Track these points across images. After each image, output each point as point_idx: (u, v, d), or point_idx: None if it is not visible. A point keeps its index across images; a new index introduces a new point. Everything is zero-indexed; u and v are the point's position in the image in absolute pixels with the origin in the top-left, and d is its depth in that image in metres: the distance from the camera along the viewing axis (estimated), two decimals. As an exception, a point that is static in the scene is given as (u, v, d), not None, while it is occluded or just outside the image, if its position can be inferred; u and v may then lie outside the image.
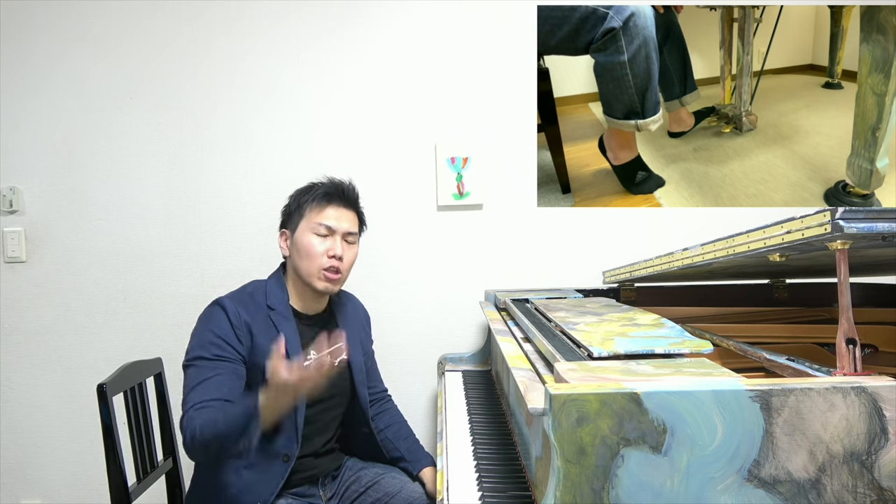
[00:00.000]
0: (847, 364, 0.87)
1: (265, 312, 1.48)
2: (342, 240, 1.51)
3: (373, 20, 2.23)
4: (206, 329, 1.44)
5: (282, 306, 1.51)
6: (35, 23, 2.25)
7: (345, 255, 1.51)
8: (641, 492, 0.76)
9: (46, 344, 2.27)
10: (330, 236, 1.50)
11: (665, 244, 1.69)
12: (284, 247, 1.56)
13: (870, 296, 1.77)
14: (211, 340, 1.42)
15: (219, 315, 1.45)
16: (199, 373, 1.39)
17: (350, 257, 1.53)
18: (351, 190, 1.56)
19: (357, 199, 1.58)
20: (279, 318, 1.49)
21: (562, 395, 0.77)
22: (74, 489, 2.28)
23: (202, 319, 1.47)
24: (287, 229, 1.55)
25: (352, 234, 1.54)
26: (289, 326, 1.49)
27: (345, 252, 1.51)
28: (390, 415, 1.73)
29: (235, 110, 2.25)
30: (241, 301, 1.48)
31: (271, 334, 1.46)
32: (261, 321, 1.47)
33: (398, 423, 1.71)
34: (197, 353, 1.42)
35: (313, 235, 1.49)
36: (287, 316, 1.50)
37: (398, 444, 1.65)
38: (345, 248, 1.51)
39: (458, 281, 2.24)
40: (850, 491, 0.77)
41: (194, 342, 1.44)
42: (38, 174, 2.26)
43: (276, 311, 1.49)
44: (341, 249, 1.50)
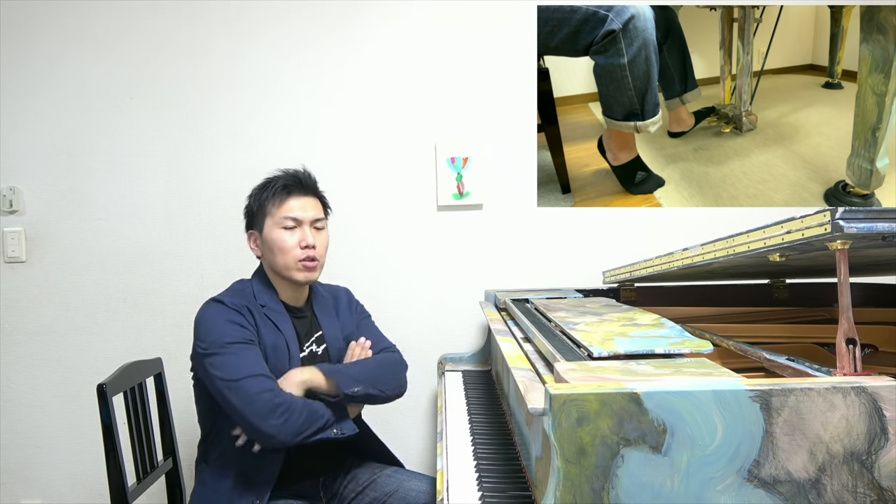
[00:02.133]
0: (847, 364, 0.87)
1: (259, 309, 1.50)
2: (311, 227, 1.52)
3: (372, 20, 2.23)
4: (219, 320, 1.42)
5: (272, 302, 1.52)
6: (35, 23, 2.25)
7: (316, 241, 1.52)
8: (641, 492, 0.76)
9: (46, 344, 2.27)
10: (298, 227, 1.51)
11: (665, 244, 1.69)
12: (255, 248, 1.57)
13: (870, 296, 1.77)
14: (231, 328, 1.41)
15: (221, 308, 1.45)
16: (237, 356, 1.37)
17: (322, 242, 1.54)
18: (307, 177, 1.57)
19: (315, 184, 1.58)
20: (273, 313, 1.51)
21: (562, 395, 0.77)
22: (74, 489, 2.28)
23: (206, 315, 1.45)
24: (254, 230, 1.56)
25: (318, 219, 1.55)
26: (284, 321, 1.51)
27: (316, 239, 1.52)
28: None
29: (235, 110, 2.25)
30: (235, 296, 1.49)
31: (270, 329, 1.48)
32: (258, 315, 1.49)
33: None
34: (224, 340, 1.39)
35: (282, 230, 1.50)
36: (280, 311, 1.52)
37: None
38: (315, 235, 1.52)
39: (458, 281, 2.24)
40: (850, 491, 0.77)
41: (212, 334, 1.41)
42: (38, 174, 2.26)
43: (267, 307, 1.51)
44: (312, 238, 1.51)
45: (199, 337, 1.43)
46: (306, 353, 1.54)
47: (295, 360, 1.49)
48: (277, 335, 1.48)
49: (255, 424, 1.33)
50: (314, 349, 1.57)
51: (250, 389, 1.34)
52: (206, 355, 1.40)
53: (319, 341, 1.58)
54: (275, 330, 1.49)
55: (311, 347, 1.56)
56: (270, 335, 1.48)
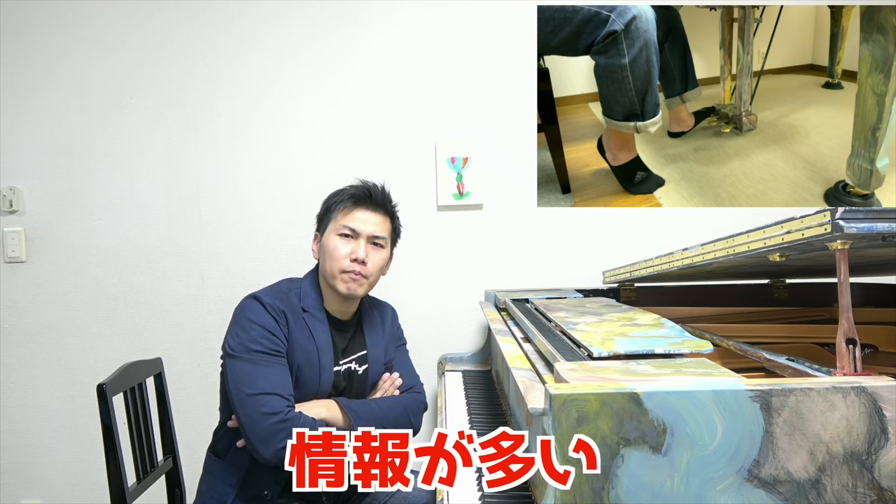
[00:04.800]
0: (847, 364, 0.87)
1: (300, 313, 1.47)
2: (367, 243, 1.49)
3: (373, 21, 2.23)
4: (250, 322, 1.41)
5: (315, 309, 1.49)
6: (35, 23, 2.25)
7: (369, 258, 1.48)
8: (641, 492, 0.76)
9: (46, 344, 2.27)
10: (354, 239, 1.48)
11: (665, 244, 1.68)
12: (315, 249, 1.56)
13: (870, 296, 1.77)
14: (259, 333, 1.40)
15: (258, 308, 1.43)
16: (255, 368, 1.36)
17: (376, 261, 1.50)
18: (379, 192, 1.53)
19: (386, 202, 1.55)
20: (313, 321, 1.47)
21: (562, 395, 0.77)
22: (74, 489, 2.28)
23: (242, 312, 1.44)
24: (319, 232, 1.55)
25: (378, 237, 1.51)
26: (322, 330, 1.47)
27: (369, 255, 1.48)
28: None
29: (235, 110, 2.25)
30: (277, 297, 1.47)
31: (305, 335, 1.45)
32: (296, 320, 1.46)
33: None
34: (248, 346, 1.38)
35: (338, 237, 1.48)
36: (321, 319, 1.49)
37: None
38: (369, 251, 1.49)
39: (458, 281, 2.24)
40: (850, 491, 0.77)
41: (241, 335, 1.40)
42: (38, 174, 2.26)
43: (309, 313, 1.48)
44: (364, 253, 1.47)
45: (230, 333, 1.43)
46: (343, 370, 1.50)
47: (327, 372, 1.45)
48: (310, 343, 1.45)
49: (254, 444, 1.33)
50: (354, 367, 1.52)
51: (260, 408, 1.33)
52: (230, 356, 1.39)
53: (362, 361, 1.54)
54: (309, 338, 1.45)
55: (350, 365, 1.52)
56: (304, 342, 1.44)
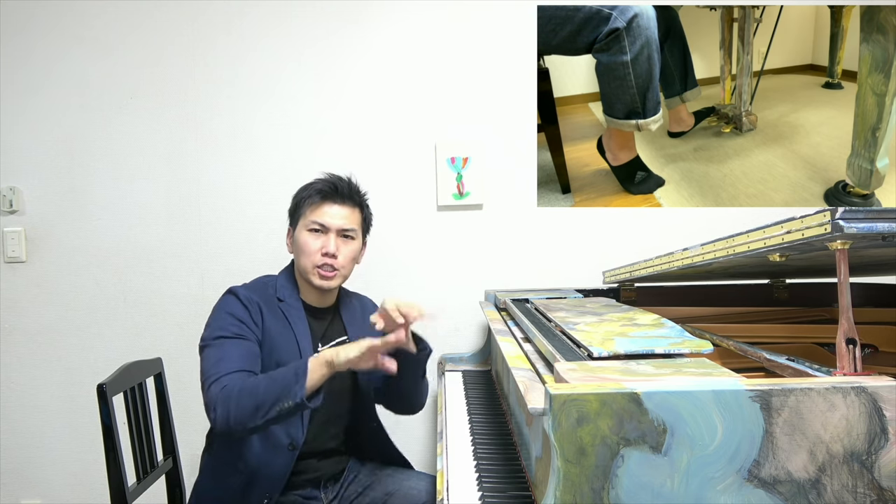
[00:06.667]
0: (847, 364, 0.87)
1: (276, 303, 1.51)
2: (337, 237, 1.52)
3: (373, 21, 2.23)
4: (222, 312, 1.46)
5: (292, 299, 1.53)
6: (35, 23, 2.25)
7: (340, 251, 1.51)
8: (641, 492, 0.76)
9: (46, 344, 2.27)
10: (324, 234, 1.51)
11: (665, 244, 1.68)
12: (289, 244, 1.59)
13: (870, 296, 1.77)
14: (229, 321, 1.44)
15: (232, 300, 1.48)
16: (219, 350, 1.40)
17: (346, 253, 1.53)
18: (346, 185, 1.55)
19: (355, 193, 1.56)
20: (289, 309, 1.51)
21: (562, 395, 0.77)
22: (74, 489, 2.28)
23: (216, 306, 1.49)
24: (291, 227, 1.59)
25: (348, 230, 1.53)
26: (299, 318, 1.51)
27: (340, 248, 1.51)
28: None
29: (235, 110, 2.25)
30: (253, 289, 1.52)
31: (281, 323, 1.48)
32: (271, 309, 1.49)
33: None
34: (216, 334, 1.43)
35: (308, 233, 1.51)
36: (297, 308, 1.53)
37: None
38: (340, 244, 1.51)
39: (458, 281, 2.24)
40: (850, 491, 0.77)
41: (211, 326, 1.46)
42: (38, 174, 2.25)
43: (285, 302, 1.52)
44: (335, 247, 1.50)
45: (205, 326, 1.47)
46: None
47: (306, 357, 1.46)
48: (287, 331, 1.48)
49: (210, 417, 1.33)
50: None
51: (207, 380, 1.35)
52: (201, 348, 1.44)
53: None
54: (286, 325, 1.49)
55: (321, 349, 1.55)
56: (280, 330, 1.48)
